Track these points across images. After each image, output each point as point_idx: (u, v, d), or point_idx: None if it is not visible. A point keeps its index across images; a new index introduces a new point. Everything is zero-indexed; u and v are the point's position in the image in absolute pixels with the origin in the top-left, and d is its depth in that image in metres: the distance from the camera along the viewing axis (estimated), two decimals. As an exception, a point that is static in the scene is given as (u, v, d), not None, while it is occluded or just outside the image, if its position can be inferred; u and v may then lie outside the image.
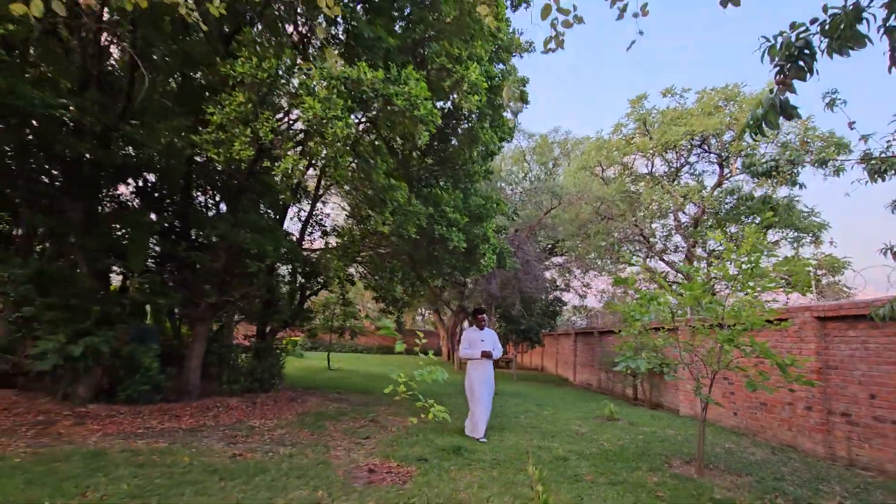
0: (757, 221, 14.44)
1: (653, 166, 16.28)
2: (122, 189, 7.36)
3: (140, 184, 7.32)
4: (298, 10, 4.79)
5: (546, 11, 2.16)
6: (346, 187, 6.40)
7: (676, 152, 15.55)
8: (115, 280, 7.51)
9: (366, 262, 7.37)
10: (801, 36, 1.74)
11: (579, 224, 15.26)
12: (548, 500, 2.50)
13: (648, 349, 6.87)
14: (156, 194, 7.46)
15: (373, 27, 4.81)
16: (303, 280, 8.63)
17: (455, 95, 5.32)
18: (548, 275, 16.54)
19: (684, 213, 15.67)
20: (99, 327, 5.54)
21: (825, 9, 1.61)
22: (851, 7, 1.56)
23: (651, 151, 15.39)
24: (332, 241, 8.29)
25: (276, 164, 4.36)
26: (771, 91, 2.04)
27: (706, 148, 15.15)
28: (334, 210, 11.30)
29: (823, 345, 6.82)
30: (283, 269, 9.12)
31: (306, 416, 6.77)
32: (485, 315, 6.74)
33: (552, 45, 2.32)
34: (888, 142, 3.72)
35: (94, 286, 5.86)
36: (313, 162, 5.33)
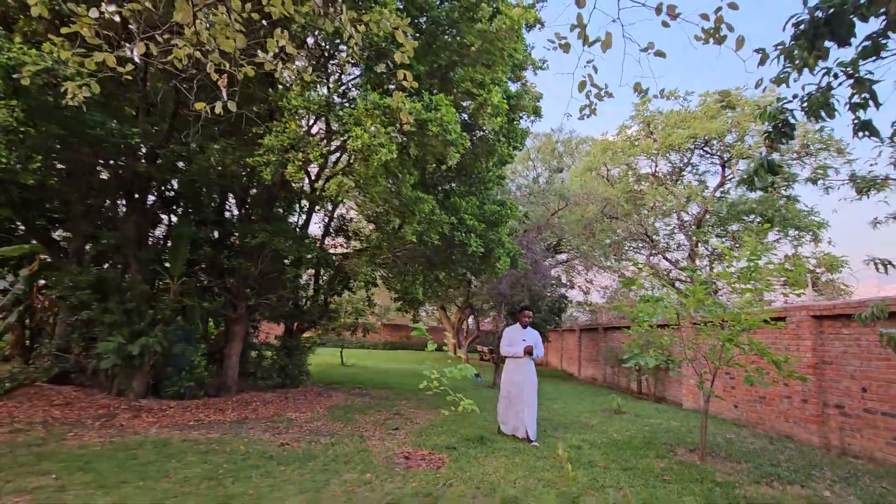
0: (758, 220, 14.89)
1: (656, 167, 16.74)
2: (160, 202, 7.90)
3: (181, 200, 7.83)
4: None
5: (582, 86, 2.62)
6: (369, 195, 6.90)
7: (679, 153, 15.99)
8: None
9: (387, 264, 7.85)
10: (784, 109, 2.19)
11: (584, 224, 15.75)
12: (575, 477, 2.98)
13: (655, 346, 7.37)
14: (191, 208, 7.98)
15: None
16: (326, 282, 9.15)
17: (479, 119, 5.77)
18: (553, 272, 17.01)
19: (687, 212, 16.13)
20: (151, 328, 6.07)
21: (803, 88, 2.07)
22: (824, 87, 2.01)
23: (655, 152, 15.83)
24: (354, 244, 8.75)
25: (325, 184, 4.84)
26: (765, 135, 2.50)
27: (709, 150, 15.59)
28: (349, 212, 11.77)
29: (819, 342, 7.28)
30: (305, 273, 9.63)
31: (336, 409, 7.29)
32: (530, 312, 6.50)
33: (586, 111, 2.79)
34: (871, 164, 4.15)
35: (147, 291, 6.39)
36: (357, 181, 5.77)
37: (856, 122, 2.04)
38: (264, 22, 4.00)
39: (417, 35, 5.45)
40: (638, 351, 6.21)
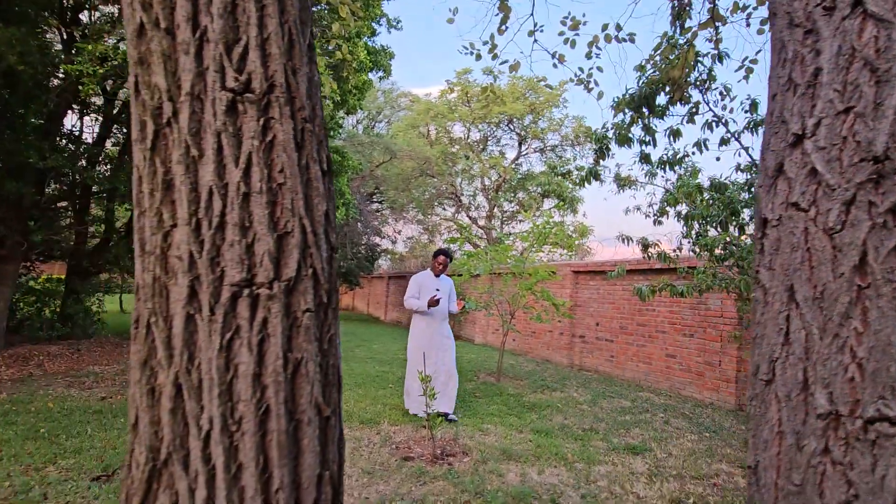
0: (539, 191, 18.21)
1: (469, 134, 18.67)
2: None
3: None
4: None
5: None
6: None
7: (487, 124, 18.14)
8: None
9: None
10: (605, 136, 3.21)
11: (404, 178, 16.72)
12: (434, 395, 3.76)
13: (473, 294, 8.79)
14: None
15: None
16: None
17: (343, 72, 5.71)
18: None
19: (489, 178, 18.61)
20: None
21: (615, 126, 3.10)
22: (625, 126, 3.07)
23: (469, 121, 17.61)
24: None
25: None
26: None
27: (511, 127, 18.14)
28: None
29: (575, 290, 9.77)
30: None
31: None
32: (447, 258, 5.03)
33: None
34: (630, 167, 5.75)
35: None
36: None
37: (641, 153, 3.17)
38: None
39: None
40: (464, 297, 7.39)
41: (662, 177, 5.28)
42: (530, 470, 3.49)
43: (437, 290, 4.97)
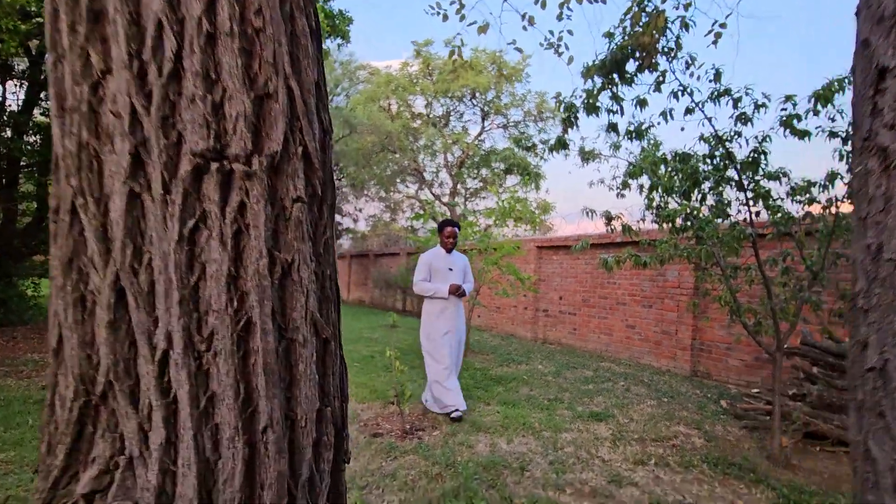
0: (502, 168, 18.20)
1: (431, 108, 18.31)
2: None
3: None
4: None
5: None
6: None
7: (450, 98, 17.84)
8: None
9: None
10: (573, 104, 3.17)
11: (364, 153, 16.27)
12: (403, 371, 3.70)
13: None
14: None
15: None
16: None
17: None
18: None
19: (452, 154, 18.43)
20: None
21: (585, 93, 3.06)
22: (594, 94, 3.03)
23: (431, 95, 17.25)
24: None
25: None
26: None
27: (474, 101, 17.92)
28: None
29: (539, 265, 9.88)
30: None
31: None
32: (456, 229, 4.35)
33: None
34: (595, 140, 5.78)
35: None
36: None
37: (609, 123, 3.16)
38: None
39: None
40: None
41: (626, 150, 5.32)
42: (499, 440, 3.51)
43: (450, 269, 4.30)
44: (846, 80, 2.77)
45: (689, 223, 4.19)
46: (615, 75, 2.78)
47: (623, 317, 8.01)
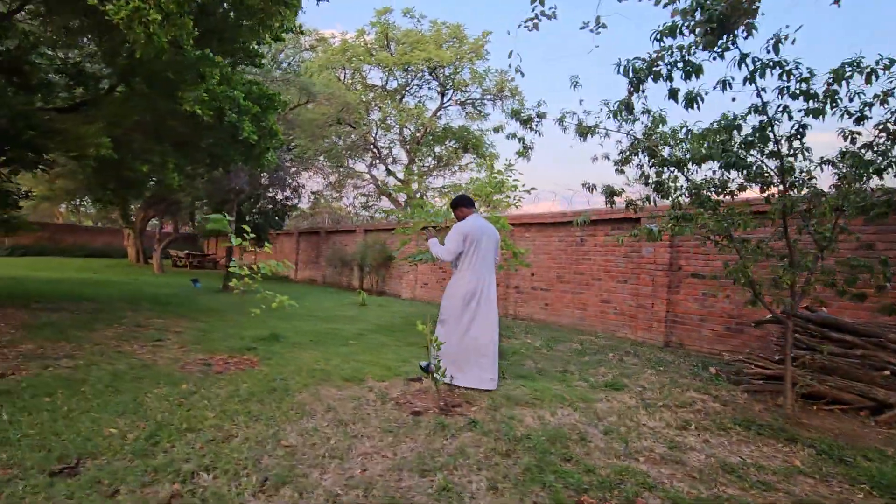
0: (455, 145, 18.02)
1: (387, 81, 17.58)
2: None
3: None
4: None
5: None
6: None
7: (407, 72, 17.25)
8: None
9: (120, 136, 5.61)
10: (643, 68, 3.09)
11: (318, 125, 15.32)
12: (435, 341, 3.52)
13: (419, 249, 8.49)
14: None
15: None
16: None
17: None
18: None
19: (408, 128, 17.89)
20: None
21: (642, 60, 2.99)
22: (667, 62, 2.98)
23: (391, 67, 16.53)
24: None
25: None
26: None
27: (435, 76, 17.44)
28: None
29: (511, 241, 9.93)
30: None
31: (37, 328, 5.40)
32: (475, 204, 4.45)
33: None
34: (599, 110, 5.75)
35: None
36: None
37: (671, 89, 3.12)
38: None
39: None
40: (418, 252, 7.08)
41: (627, 124, 5.37)
42: (543, 413, 3.46)
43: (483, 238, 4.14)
44: None
45: (701, 198, 4.31)
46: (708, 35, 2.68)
47: (598, 292, 8.28)
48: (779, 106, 3.23)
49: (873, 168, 3.21)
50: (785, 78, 3.06)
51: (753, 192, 4.37)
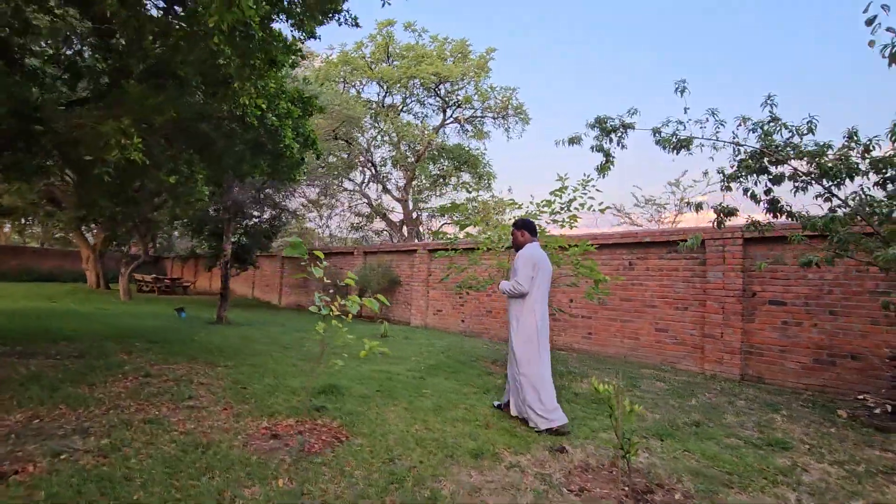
0: (453, 165, 17.35)
1: (386, 95, 16.75)
2: None
3: None
4: None
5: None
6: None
7: (406, 88, 16.50)
8: None
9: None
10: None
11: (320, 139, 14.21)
12: (628, 410, 2.68)
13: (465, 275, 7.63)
14: None
15: None
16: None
17: None
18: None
19: (407, 145, 17.04)
20: None
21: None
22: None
23: (390, 82, 15.72)
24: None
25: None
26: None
27: (437, 92, 16.74)
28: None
29: (589, 263, 9.20)
30: None
31: (17, 386, 4.13)
32: (514, 229, 4.31)
33: None
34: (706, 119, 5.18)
35: None
36: None
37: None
38: None
39: None
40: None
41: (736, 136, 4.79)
42: (763, 498, 2.65)
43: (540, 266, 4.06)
44: None
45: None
46: None
47: (652, 320, 7.63)
48: None
49: None
50: None
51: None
